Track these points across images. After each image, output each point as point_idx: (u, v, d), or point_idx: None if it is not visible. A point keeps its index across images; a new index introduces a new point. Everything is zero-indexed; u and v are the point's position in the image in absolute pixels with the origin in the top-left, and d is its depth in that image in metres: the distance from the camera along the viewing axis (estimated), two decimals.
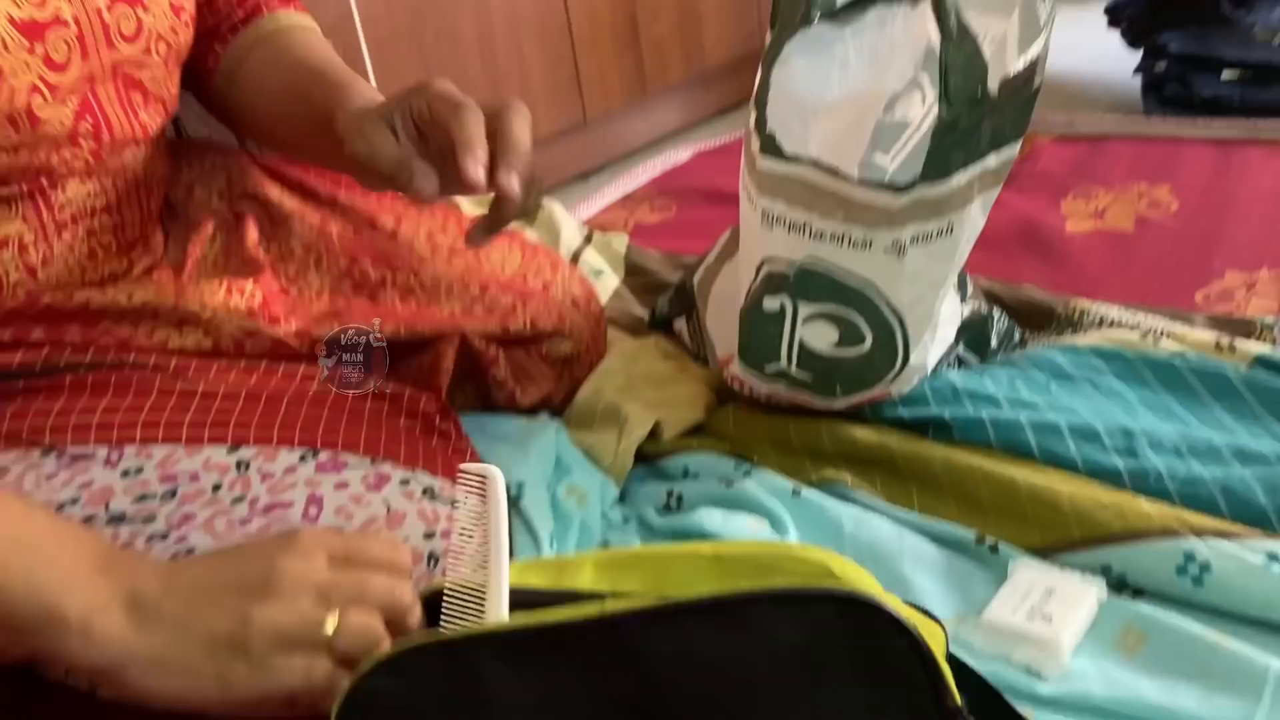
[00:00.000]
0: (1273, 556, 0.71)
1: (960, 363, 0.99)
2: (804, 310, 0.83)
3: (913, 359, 0.84)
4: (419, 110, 0.71)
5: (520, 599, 0.55)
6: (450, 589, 0.56)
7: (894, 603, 0.51)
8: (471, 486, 0.60)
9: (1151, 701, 0.64)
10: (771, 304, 0.83)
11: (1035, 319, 1.07)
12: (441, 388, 0.84)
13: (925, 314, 0.82)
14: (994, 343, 1.01)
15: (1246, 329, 1.01)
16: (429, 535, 0.68)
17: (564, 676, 0.51)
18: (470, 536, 0.58)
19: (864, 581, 0.56)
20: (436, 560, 0.67)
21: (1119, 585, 0.74)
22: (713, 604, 0.50)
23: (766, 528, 0.80)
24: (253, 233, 0.86)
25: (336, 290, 0.88)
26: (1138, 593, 0.74)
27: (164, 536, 0.66)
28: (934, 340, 0.86)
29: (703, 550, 0.60)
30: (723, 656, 0.50)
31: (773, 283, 0.83)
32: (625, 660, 0.51)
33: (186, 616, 0.54)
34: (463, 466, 0.61)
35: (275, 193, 0.91)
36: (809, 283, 0.81)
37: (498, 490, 0.59)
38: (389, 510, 0.68)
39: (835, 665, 0.50)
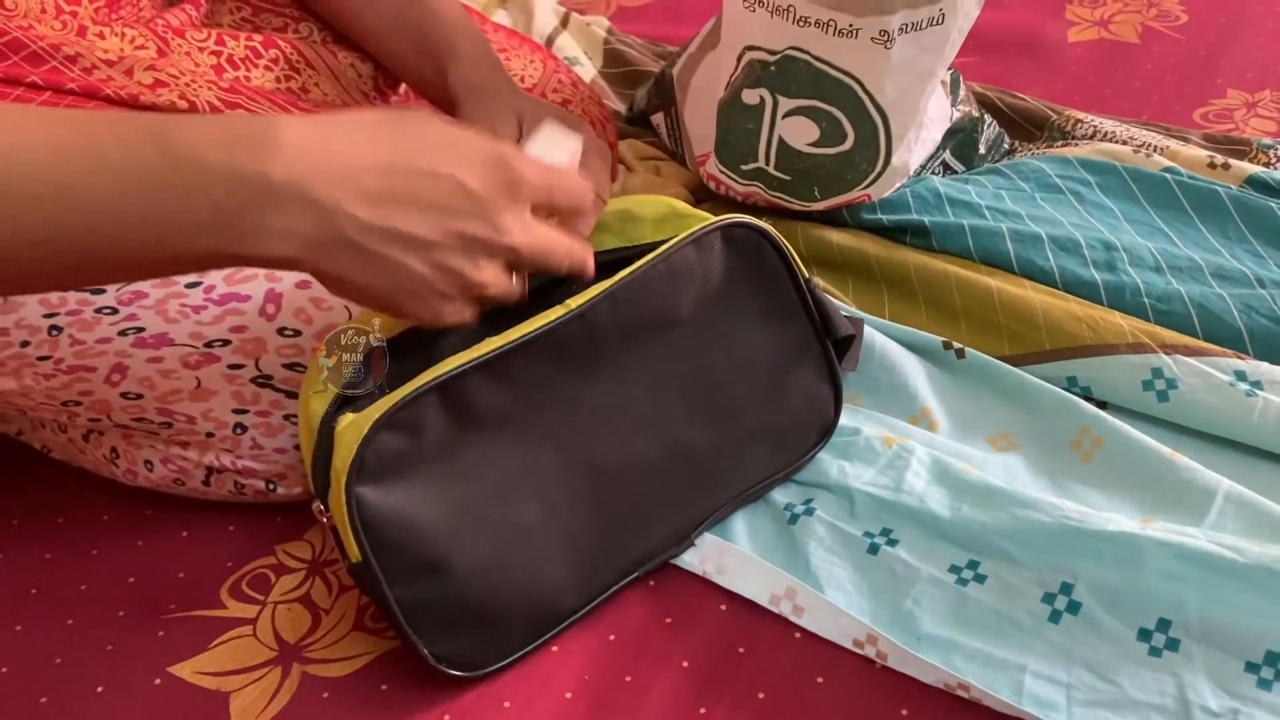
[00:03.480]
0: (1240, 376, 0.71)
1: (946, 169, 0.96)
2: (784, 105, 0.79)
3: (895, 159, 0.81)
4: None
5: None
6: None
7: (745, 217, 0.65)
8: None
9: (1099, 511, 0.65)
10: (751, 96, 0.79)
11: (1027, 127, 1.04)
12: None
13: (910, 110, 0.78)
14: (982, 149, 0.97)
15: (1242, 149, 0.98)
16: None
17: (540, 372, 0.58)
18: None
19: (697, 213, 0.67)
20: None
21: (1084, 398, 0.74)
22: (655, 259, 0.60)
23: None
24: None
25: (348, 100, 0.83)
26: (1102, 406, 0.74)
27: (113, 311, 0.65)
28: (918, 140, 0.82)
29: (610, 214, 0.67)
30: (658, 300, 0.61)
31: (753, 73, 0.78)
32: (587, 340, 0.59)
33: (404, 213, 0.50)
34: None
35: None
36: (791, 74, 0.77)
37: None
38: (351, 319, 0.66)
39: (725, 273, 0.64)
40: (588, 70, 1.17)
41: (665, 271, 0.61)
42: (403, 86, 0.88)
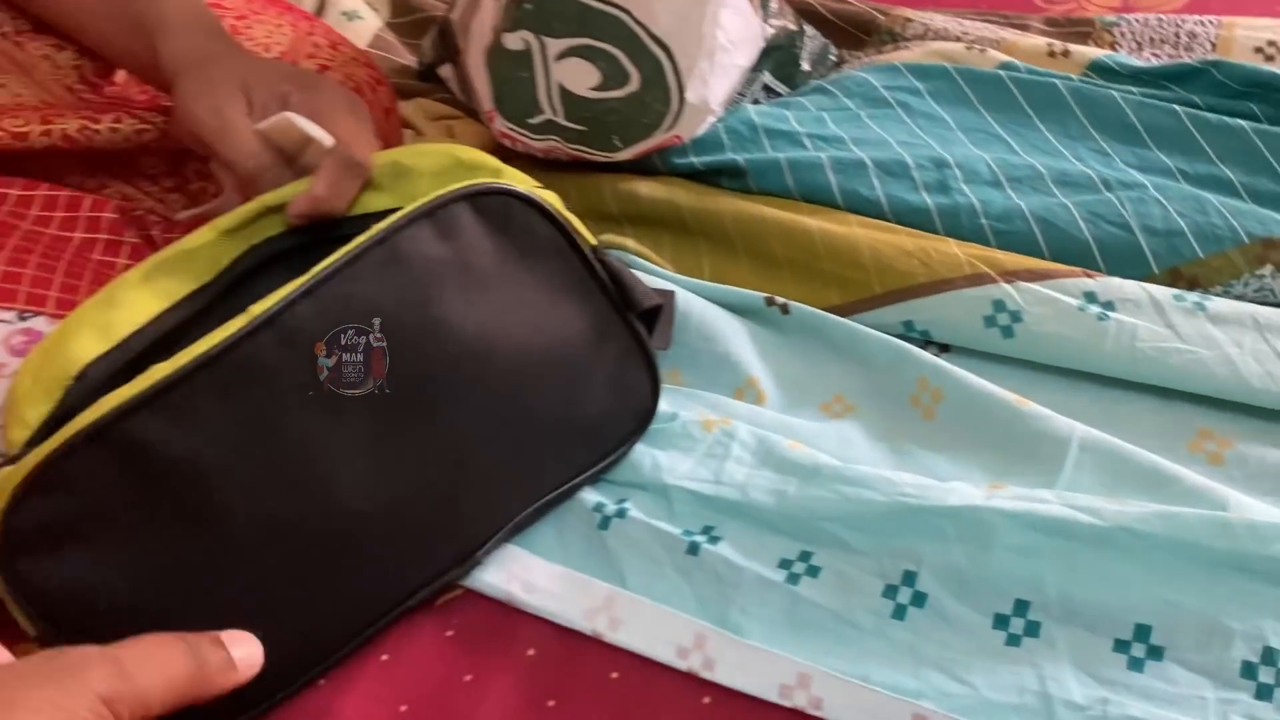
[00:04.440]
0: (1090, 297, 0.63)
1: (769, 93, 0.86)
2: (553, 47, 0.68)
3: (689, 95, 0.71)
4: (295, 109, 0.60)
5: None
6: None
7: (514, 177, 0.57)
8: None
9: (944, 478, 0.57)
10: (514, 41, 0.69)
11: (855, 34, 0.94)
12: None
13: (694, 39, 0.68)
14: (805, 66, 0.88)
15: (1085, 30, 0.90)
16: None
17: (242, 402, 0.49)
18: None
19: (489, 161, 0.59)
20: None
21: (924, 344, 0.66)
22: (369, 241, 0.51)
23: None
24: None
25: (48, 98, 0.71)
26: (944, 349, 0.66)
27: None
28: (714, 70, 0.72)
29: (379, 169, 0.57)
30: (386, 293, 0.51)
31: (511, 14, 0.68)
32: (292, 353, 0.49)
33: None
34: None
35: None
36: (551, 11, 0.66)
37: None
38: None
39: (487, 253, 0.54)
40: (371, 23, 1.04)
41: (387, 257, 0.51)
42: (120, 73, 0.75)
